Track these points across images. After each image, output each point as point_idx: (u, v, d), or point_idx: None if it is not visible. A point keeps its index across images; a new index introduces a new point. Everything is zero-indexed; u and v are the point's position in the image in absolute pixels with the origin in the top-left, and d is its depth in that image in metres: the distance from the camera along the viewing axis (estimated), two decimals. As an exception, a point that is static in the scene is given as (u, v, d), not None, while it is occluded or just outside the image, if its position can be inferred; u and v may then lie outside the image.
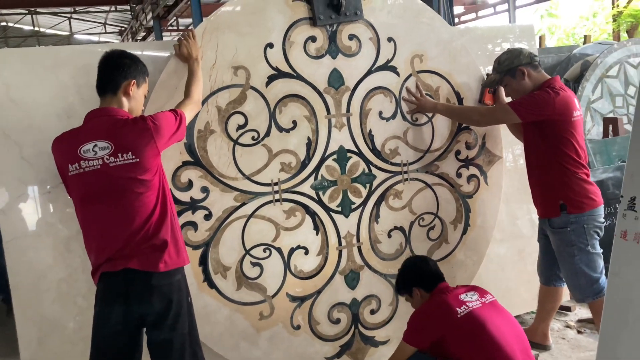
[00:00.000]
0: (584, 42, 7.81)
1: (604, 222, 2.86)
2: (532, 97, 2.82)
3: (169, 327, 2.10)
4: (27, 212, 2.49)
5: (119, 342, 2.10)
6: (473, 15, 15.05)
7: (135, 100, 2.20)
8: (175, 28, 15.25)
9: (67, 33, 19.91)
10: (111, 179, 2.04)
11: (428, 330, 2.50)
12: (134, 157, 2.05)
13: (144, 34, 16.08)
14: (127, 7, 16.07)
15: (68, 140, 2.11)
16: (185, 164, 2.65)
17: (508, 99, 3.11)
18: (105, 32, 20.52)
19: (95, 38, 21.17)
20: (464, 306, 2.45)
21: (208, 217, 2.72)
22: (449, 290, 2.58)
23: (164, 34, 14.06)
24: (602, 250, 2.86)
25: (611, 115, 5.26)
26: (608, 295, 1.67)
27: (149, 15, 13.82)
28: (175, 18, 13.82)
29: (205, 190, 2.70)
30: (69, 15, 18.41)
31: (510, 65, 2.91)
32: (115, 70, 2.15)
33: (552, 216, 2.87)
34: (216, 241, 2.74)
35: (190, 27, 16.39)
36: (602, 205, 2.86)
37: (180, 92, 2.55)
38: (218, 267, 2.75)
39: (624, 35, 12.15)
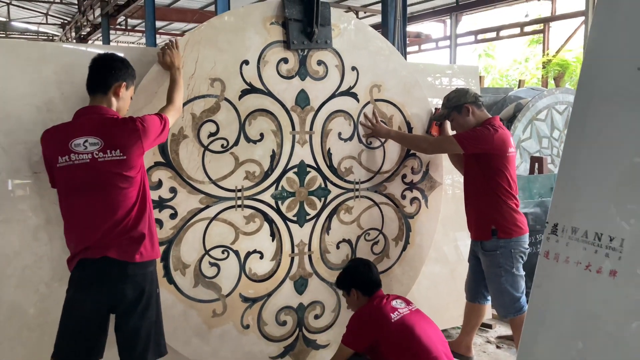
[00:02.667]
0: (519, 86, 8.46)
1: (528, 249, 3.23)
2: (474, 132, 3.17)
3: (139, 315, 2.25)
4: (-2, 198, 2.56)
5: (89, 326, 2.22)
6: (416, 47, 15.80)
7: (123, 101, 2.36)
8: (124, 28, 15.04)
9: (4, 19, 19.12)
10: (98, 173, 2.19)
11: (365, 334, 2.78)
12: (121, 154, 2.21)
13: (89, 30, 15.74)
14: (74, 1, 15.70)
15: (59, 133, 2.23)
16: (157, 164, 2.80)
17: (452, 133, 3.46)
18: (47, 23, 19.87)
19: (33, 27, 20.45)
20: (397, 312, 2.78)
21: (173, 216, 2.87)
22: (384, 298, 2.88)
23: (111, 32, 13.83)
24: (525, 273, 3.23)
25: (538, 154, 5.80)
26: (531, 303, 1.99)
27: (97, 12, 13.57)
28: (124, 18, 13.67)
29: (173, 190, 2.86)
30: (8, 1, 17.73)
31: (458, 102, 3.26)
32: (107, 72, 2.31)
33: (484, 239, 3.22)
34: (179, 239, 2.90)
35: (137, 27, 16.21)
36: (528, 234, 3.23)
37: (159, 97, 2.72)
38: (178, 264, 2.90)
39: (551, 83, 13.15)
